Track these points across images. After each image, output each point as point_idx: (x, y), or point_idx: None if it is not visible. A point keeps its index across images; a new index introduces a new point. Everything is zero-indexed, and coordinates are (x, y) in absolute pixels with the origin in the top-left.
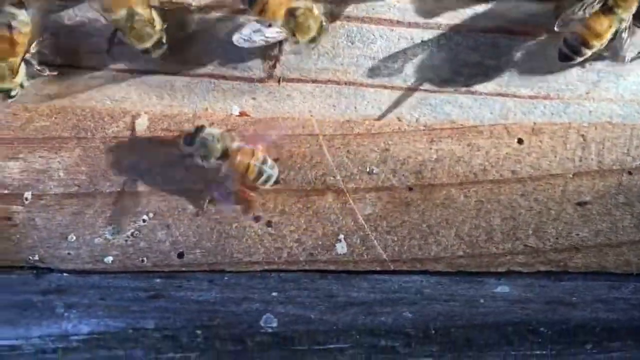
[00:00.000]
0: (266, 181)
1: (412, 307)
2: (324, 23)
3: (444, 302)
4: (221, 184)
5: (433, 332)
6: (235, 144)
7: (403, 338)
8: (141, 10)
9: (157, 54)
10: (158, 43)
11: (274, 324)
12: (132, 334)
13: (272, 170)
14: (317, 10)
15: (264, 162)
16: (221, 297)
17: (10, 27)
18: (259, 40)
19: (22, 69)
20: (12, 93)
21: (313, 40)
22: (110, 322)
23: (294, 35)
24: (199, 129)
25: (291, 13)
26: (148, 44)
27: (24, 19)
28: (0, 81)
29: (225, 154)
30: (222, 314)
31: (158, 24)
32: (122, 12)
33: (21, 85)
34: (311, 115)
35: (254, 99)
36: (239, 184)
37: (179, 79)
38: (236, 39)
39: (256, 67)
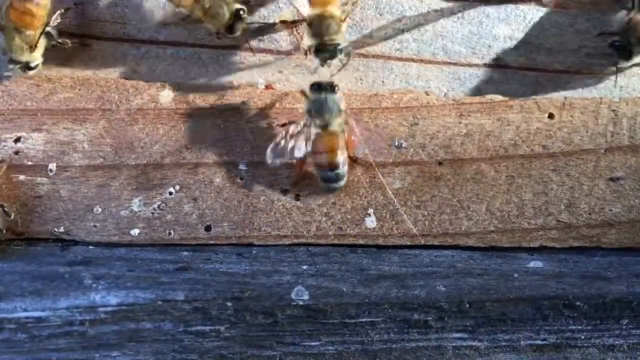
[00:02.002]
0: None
1: (446, 280)
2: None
3: (477, 276)
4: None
5: (467, 306)
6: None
7: (436, 312)
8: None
9: (240, 29)
10: (238, 16)
11: (306, 297)
12: (161, 306)
13: (344, 170)
14: None
15: (344, 164)
16: (251, 270)
17: None
18: None
19: (42, 43)
20: (32, 65)
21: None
22: (139, 294)
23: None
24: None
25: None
26: (228, 21)
27: None
28: (19, 54)
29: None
30: (253, 286)
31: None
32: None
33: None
34: None
35: (280, 72)
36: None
37: (205, 51)
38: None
39: (283, 39)
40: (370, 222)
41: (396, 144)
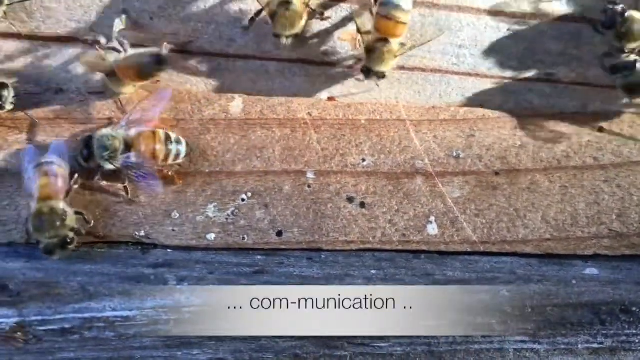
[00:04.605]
0: (176, 158)
1: (508, 286)
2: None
3: (537, 282)
4: (139, 168)
5: (529, 310)
6: (132, 131)
7: (500, 315)
8: (295, 1)
9: (286, 43)
10: (296, 35)
11: None
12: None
13: (178, 146)
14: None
15: (168, 140)
16: (323, 274)
17: None
18: None
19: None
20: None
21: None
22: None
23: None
24: (88, 138)
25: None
26: (289, 32)
27: None
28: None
29: (128, 146)
30: None
31: (304, 20)
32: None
33: None
34: (397, 102)
35: (342, 84)
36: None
37: (272, 63)
38: None
39: (345, 54)
40: (432, 229)
41: (454, 154)
